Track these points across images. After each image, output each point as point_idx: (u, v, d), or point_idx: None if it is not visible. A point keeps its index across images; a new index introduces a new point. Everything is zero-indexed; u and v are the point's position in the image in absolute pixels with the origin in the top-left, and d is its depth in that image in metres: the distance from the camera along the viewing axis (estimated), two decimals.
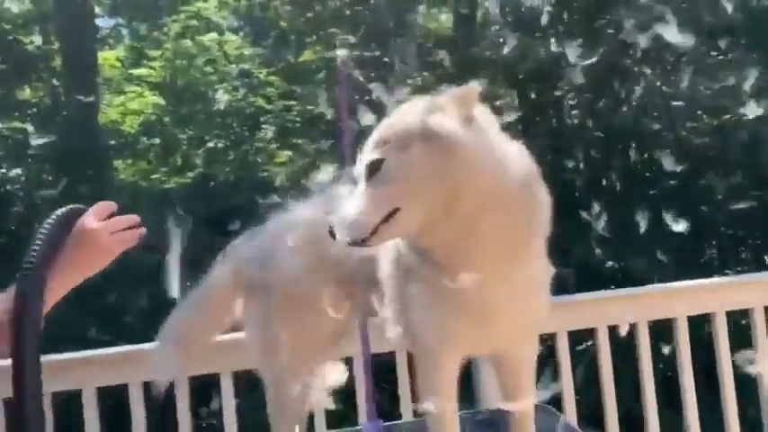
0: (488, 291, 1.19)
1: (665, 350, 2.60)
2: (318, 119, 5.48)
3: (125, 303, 4.43)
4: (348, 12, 6.40)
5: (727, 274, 4.64)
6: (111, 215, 1.28)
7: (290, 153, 5.13)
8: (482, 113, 1.18)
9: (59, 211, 1.24)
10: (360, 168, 1.17)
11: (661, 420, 2.16)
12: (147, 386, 2.03)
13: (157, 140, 6.67)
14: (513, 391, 1.37)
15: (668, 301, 2.19)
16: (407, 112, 1.18)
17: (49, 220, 1.22)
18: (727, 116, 5.45)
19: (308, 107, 5.47)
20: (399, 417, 2.07)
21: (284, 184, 5.15)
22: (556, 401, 2.07)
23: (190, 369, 1.94)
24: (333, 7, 6.85)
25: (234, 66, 5.72)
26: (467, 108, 1.15)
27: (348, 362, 1.96)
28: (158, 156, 6.69)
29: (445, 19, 8.19)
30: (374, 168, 1.15)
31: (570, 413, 2.08)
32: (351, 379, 2.11)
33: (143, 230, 1.29)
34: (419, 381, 1.33)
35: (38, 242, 1.18)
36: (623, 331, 2.10)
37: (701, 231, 5.16)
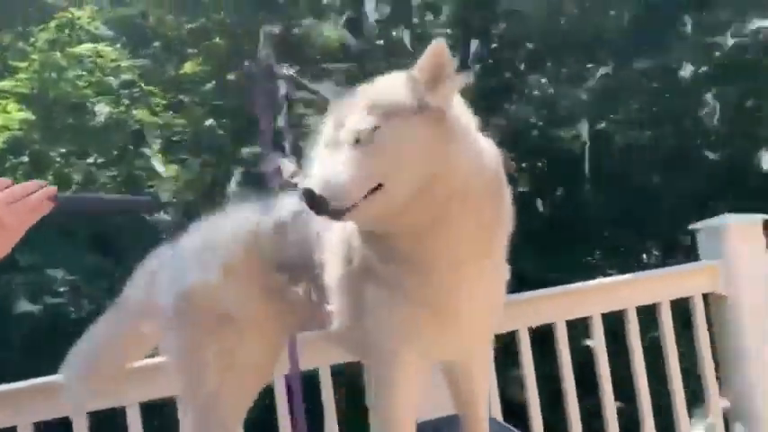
0: (452, 287, 1.14)
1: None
2: (206, 132, 5.29)
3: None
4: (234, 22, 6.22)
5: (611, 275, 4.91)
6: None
7: (176, 167, 4.90)
8: (458, 102, 1.14)
9: None
10: (345, 132, 1.07)
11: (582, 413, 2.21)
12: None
13: (26, 158, 6.17)
14: (468, 397, 1.33)
15: (583, 300, 2.24)
16: (394, 84, 1.12)
17: None
18: (602, 124, 5.79)
19: (195, 120, 5.28)
20: None
21: (171, 200, 4.91)
22: None
23: (90, 403, 1.75)
24: (216, 19, 6.65)
25: (113, 78, 5.41)
26: (444, 66, 1.10)
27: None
28: (27, 175, 6.18)
29: (332, 32, 8.17)
30: (365, 135, 1.06)
31: (495, 411, 2.07)
32: (270, 399, 2.02)
33: (52, 190, 1.09)
34: (373, 391, 1.25)
35: None
36: None
37: (586, 234, 5.42)
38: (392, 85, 1.12)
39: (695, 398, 2.35)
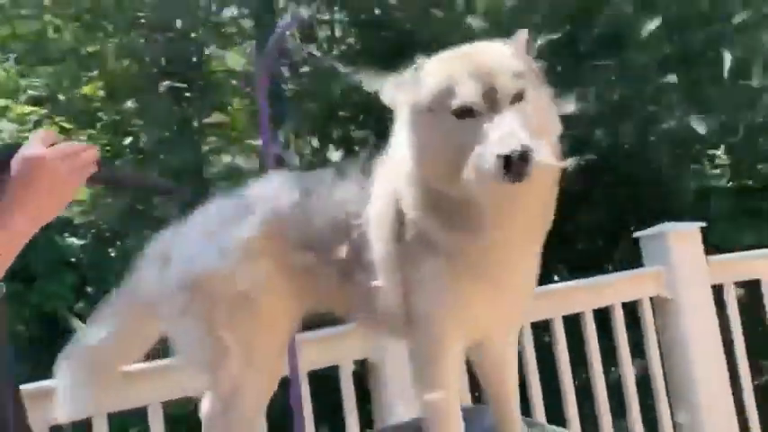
0: (515, 262, 1.19)
1: None
2: (120, 153, 5.06)
3: None
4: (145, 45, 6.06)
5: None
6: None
7: (89, 190, 4.63)
8: None
9: None
10: (503, 94, 1.09)
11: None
12: None
13: None
14: (498, 380, 1.35)
15: (543, 303, 2.32)
16: (507, 52, 1.17)
17: None
18: None
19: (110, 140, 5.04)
20: None
21: (84, 220, 4.63)
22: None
23: (107, 403, 1.62)
24: (123, 43, 6.43)
25: (14, 97, 5.09)
26: (524, 51, 1.19)
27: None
28: None
29: (237, 61, 8.06)
30: (522, 96, 1.11)
31: None
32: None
33: (95, 152, 1.04)
34: (417, 369, 1.24)
35: None
36: None
37: None
38: (509, 53, 1.17)
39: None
